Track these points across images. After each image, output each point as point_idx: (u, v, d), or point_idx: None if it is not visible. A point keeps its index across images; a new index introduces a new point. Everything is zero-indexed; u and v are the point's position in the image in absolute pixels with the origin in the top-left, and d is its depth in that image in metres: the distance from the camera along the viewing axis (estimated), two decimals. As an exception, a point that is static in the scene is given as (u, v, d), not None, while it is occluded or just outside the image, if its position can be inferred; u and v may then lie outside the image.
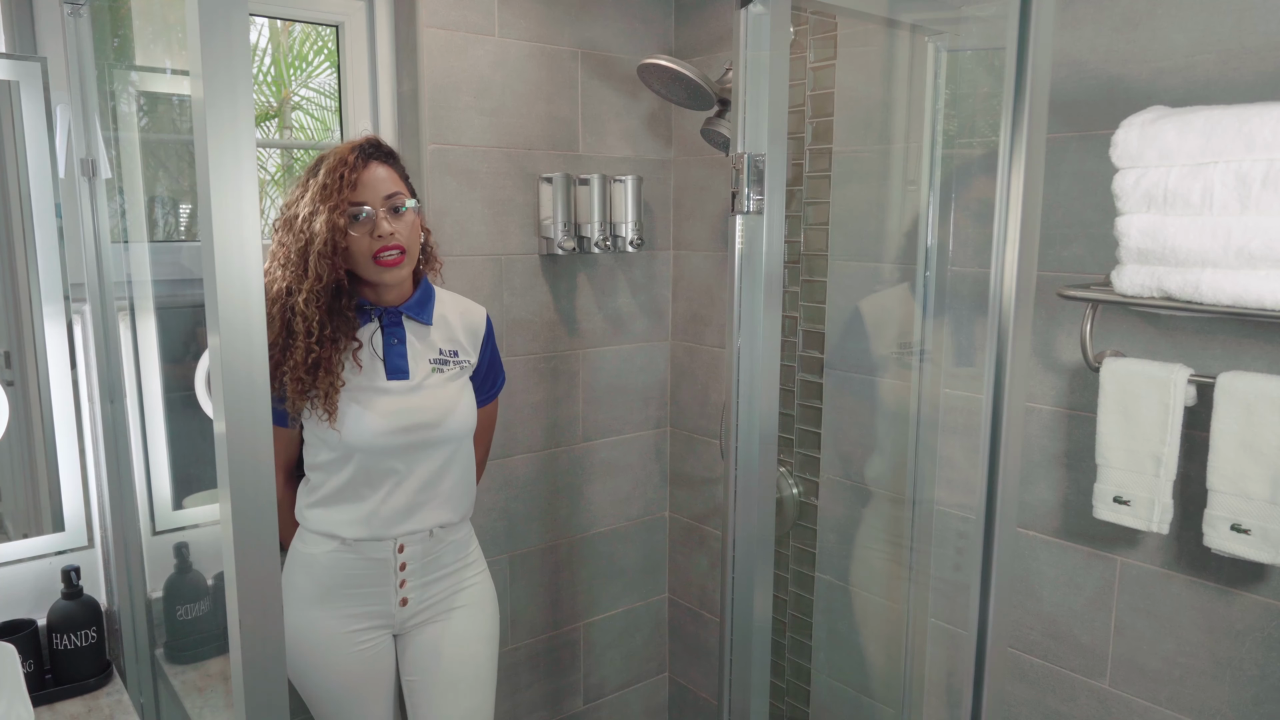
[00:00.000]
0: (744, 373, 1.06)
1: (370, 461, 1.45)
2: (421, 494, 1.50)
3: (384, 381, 1.47)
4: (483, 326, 1.61)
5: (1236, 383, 1.26)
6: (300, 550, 1.51)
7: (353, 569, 1.48)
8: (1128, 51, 1.41)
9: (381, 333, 1.49)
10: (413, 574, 1.52)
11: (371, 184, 1.42)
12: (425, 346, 1.52)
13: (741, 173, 1.01)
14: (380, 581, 1.50)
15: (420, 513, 1.50)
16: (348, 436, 1.43)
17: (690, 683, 2.45)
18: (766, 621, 1.12)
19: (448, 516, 1.54)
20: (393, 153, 1.50)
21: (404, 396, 1.47)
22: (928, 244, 1.69)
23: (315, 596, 1.48)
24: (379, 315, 1.49)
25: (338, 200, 1.39)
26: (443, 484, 1.53)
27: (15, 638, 1.43)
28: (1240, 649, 1.38)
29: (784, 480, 2.03)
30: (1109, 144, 1.31)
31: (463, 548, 1.60)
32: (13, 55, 1.47)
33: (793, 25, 1.86)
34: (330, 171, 1.40)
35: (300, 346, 1.40)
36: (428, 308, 1.53)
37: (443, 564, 1.56)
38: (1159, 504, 1.35)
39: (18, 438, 1.55)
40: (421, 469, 1.49)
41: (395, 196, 1.44)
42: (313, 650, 1.49)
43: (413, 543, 1.51)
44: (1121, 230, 1.31)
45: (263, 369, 0.69)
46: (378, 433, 1.44)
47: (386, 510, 1.47)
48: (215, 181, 0.66)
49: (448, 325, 1.56)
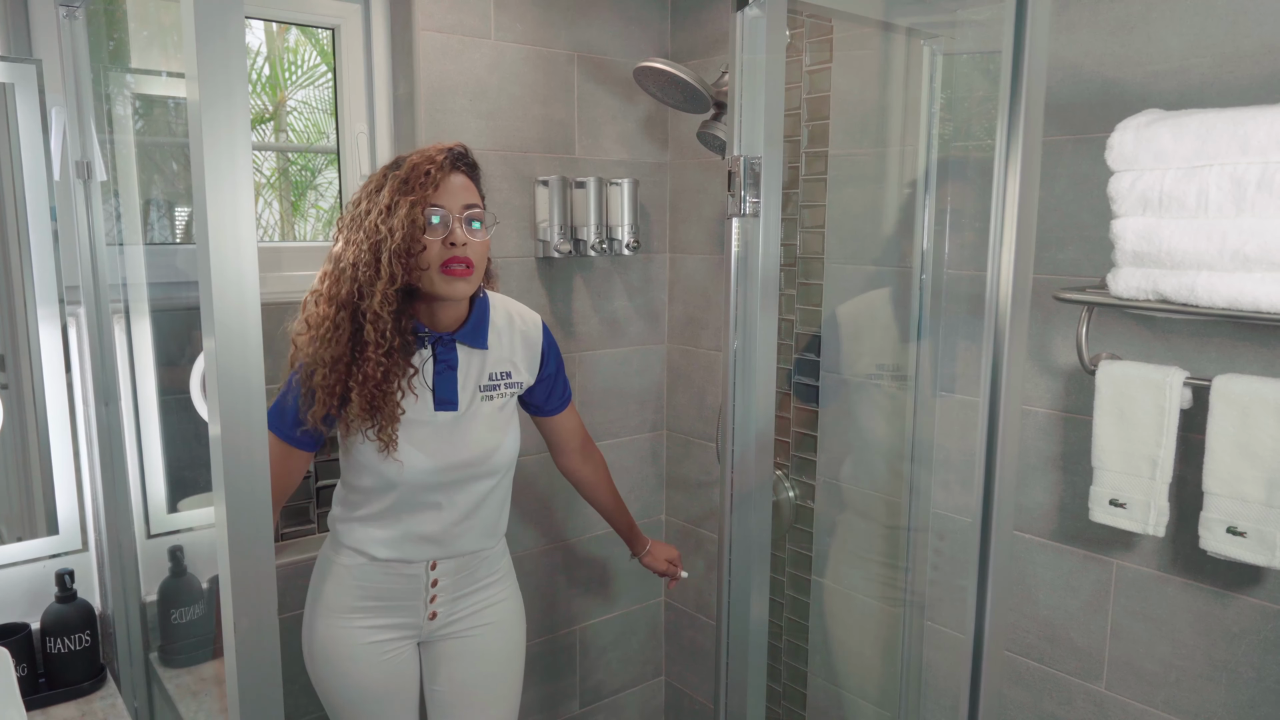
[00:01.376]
0: (740, 376, 1.06)
1: (413, 494, 1.41)
2: (459, 525, 1.46)
3: (430, 414, 1.40)
4: (539, 337, 1.54)
5: (1232, 385, 1.26)
6: (331, 559, 1.47)
7: (383, 583, 1.45)
8: (1123, 55, 1.42)
9: (434, 360, 1.41)
10: (444, 590, 1.49)
11: (454, 191, 1.35)
12: (477, 373, 1.45)
13: (738, 176, 1.01)
14: (411, 596, 1.47)
15: (456, 542, 1.46)
16: (392, 473, 1.38)
17: (687, 686, 2.45)
18: (763, 625, 1.12)
19: (482, 544, 1.50)
20: (477, 166, 1.43)
21: (451, 429, 1.41)
22: (923, 247, 1.69)
23: (345, 607, 1.45)
24: (433, 342, 1.41)
25: (420, 196, 1.30)
26: (481, 514, 1.48)
27: (9, 641, 1.43)
28: (1236, 652, 1.38)
29: (780, 483, 2.03)
30: (1104, 147, 1.31)
31: (496, 562, 1.56)
32: (8, 57, 1.47)
33: (788, 28, 1.85)
34: (415, 167, 1.32)
35: (371, 359, 1.30)
36: (482, 330, 1.45)
37: (475, 579, 1.53)
38: (1155, 507, 1.35)
39: (12, 440, 1.55)
40: (462, 500, 1.45)
41: (474, 209, 1.36)
42: (338, 659, 1.45)
43: (446, 562, 1.47)
44: (1117, 233, 1.31)
45: (258, 372, 0.69)
46: (423, 470, 1.39)
47: (421, 537, 1.43)
48: (211, 184, 0.66)
49: (501, 344, 1.49)
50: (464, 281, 1.34)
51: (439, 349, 1.41)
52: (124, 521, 1.60)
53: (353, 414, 1.32)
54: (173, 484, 1.69)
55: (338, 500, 1.48)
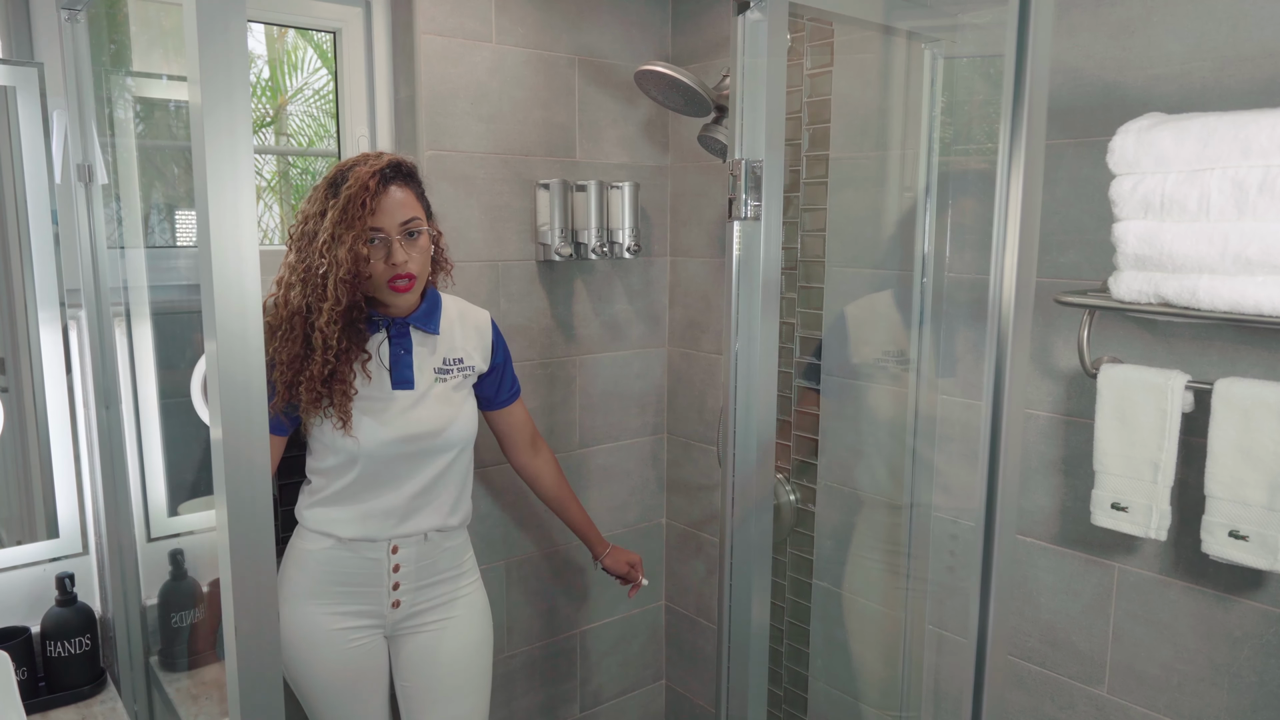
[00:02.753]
0: (741, 379, 1.06)
1: (374, 467, 1.50)
2: (418, 499, 1.54)
3: (389, 391, 1.51)
4: (489, 329, 1.65)
5: (1234, 389, 1.26)
6: (296, 546, 1.55)
7: (346, 566, 1.52)
8: (1124, 59, 1.42)
9: (389, 343, 1.53)
10: (406, 577, 1.55)
11: (389, 210, 1.44)
12: (430, 356, 1.56)
13: (739, 179, 1.01)
14: (373, 581, 1.54)
15: (416, 517, 1.54)
16: (354, 446, 1.48)
17: (687, 690, 2.44)
18: (764, 628, 1.12)
19: (443, 521, 1.57)
20: (412, 172, 1.51)
21: (408, 406, 1.52)
22: (924, 250, 1.69)
23: (308, 592, 1.52)
24: (387, 326, 1.52)
25: (360, 229, 1.41)
26: (440, 490, 1.56)
27: (9, 645, 1.42)
28: (1238, 655, 1.38)
29: (781, 487, 2.03)
30: (1105, 151, 1.31)
31: (458, 555, 1.63)
32: (10, 60, 1.47)
33: (790, 32, 1.86)
34: (352, 199, 1.42)
35: (317, 360, 1.44)
36: (434, 317, 1.57)
37: (437, 569, 1.59)
38: (1157, 510, 1.35)
39: (12, 444, 1.55)
40: (421, 475, 1.53)
41: (411, 223, 1.46)
42: (304, 646, 1.52)
43: (407, 545, 1.54)
44: (1118, 236, 1.31)
45: (260, 375, 0.69)
46: (384, 441, 1.49)
47: (382, 511, 1.51)
48: (213, 187, 0.66)
49: (453, 334, 1.60)
50: (409, 293, 1.48)
51: (393, 332, 1.52)
52: (124, 525, 1.60)
53: (304, 404, 1.45)
54: (173, 487, 1.69)
55: (303, 493, 1.56)
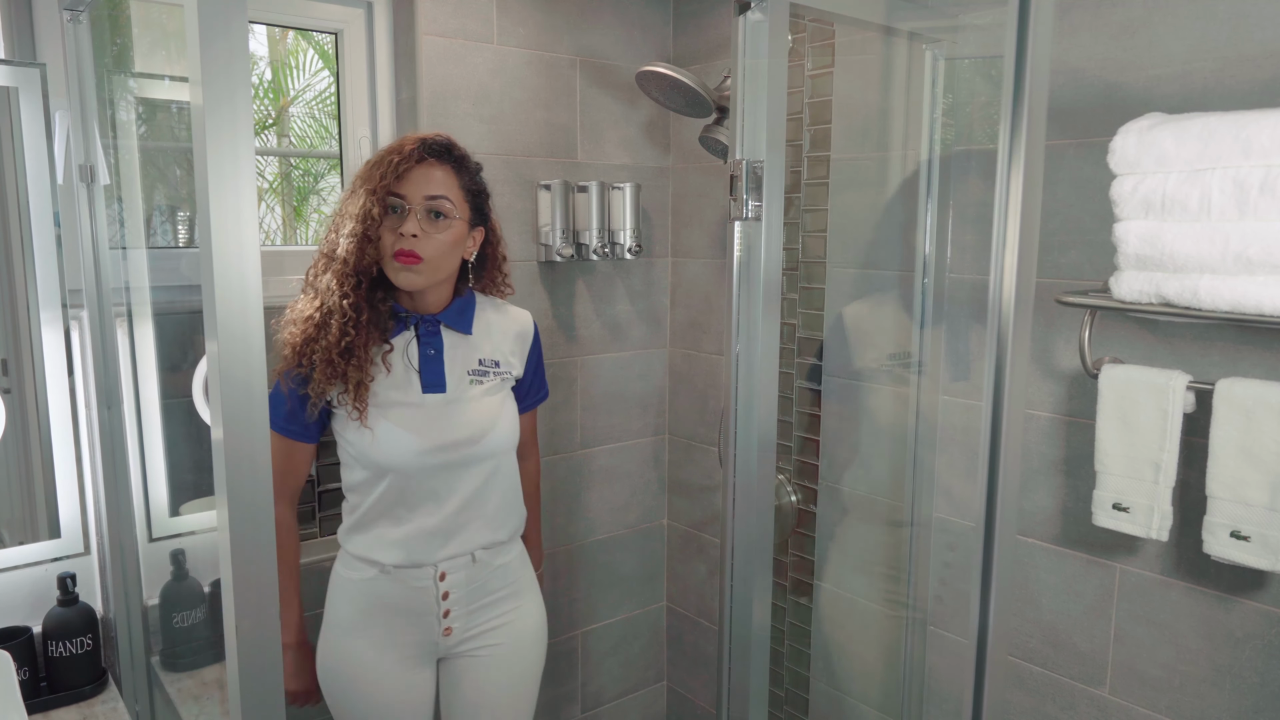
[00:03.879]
0: (742, 380, 1.06)
1: (407, 480, 1.38)
2: (462, 514, 1.42)
3: (418, 395, 1.39)
4: (530, 333, 1.54)
5: (1235, 389, 1.26)
6: (342, 575, 1.45)
7: (392, 597, 1.41)
8: (1125, 59, 1.42)
9: (418, 343, 1.41)
10: (457, 603, 1.44)
11: (418, 180, 1.34)
12: (464, 357, 1.44)
13: (740, 179, 1.01)
14: (422, 611, 1.43)
15: (462, 534, 1.42)
16: (380, 456, 1.36)
17: (689, 691, 2.44)
18: (765, 629, 1.12)
19: (492, 536, 1.46)
20: (464, 159, 1.41)
21: (440, 411, 1.40)
22: (925, 251, 1.69)
23: (355, 625, 1.42)
24: (415, 323, 1.41)
25: (377, 185, 1.32)
26: (484, 503, 1.44)
27: (10, 645, 1.42)
28: (1240, 656, 1.37)
29: (782, 488, 2.03)
30: (1106, 151, 1.31)
31: (511, 573, 1.51)
32: (12, 61, 1.47)
33: (791, 33, 1.86)
34: (384, 157, 1.33)
35: (335, 326, 1.33)
36: (467, 315, 1.45)
37: (489, 590, 1.48)
38: (1158, 511, 1.35)
39: (14, 444, 1.55)
40: (462, 487, 1.41)
41: (439, 201, 1.35)
42: (352, 681, 1.42)
43: (455, 569, 1.43)
44: (1119, 236, 1.31)
45: (260, 375, 0.69)
46: (413, 452, 1.37)
47: (425, 532, 1.40)
48: (214, 188, 0.66)
49: (490, 333, 1.48)
50: (410, 272, 1.35)
51: (423, 330, 1.41)
52: (126, 525, 1.60)
53: (317, 375, 1.33)
54: (175, 487, 1.69)
55: (344, 511, 1.47)
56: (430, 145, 1.36)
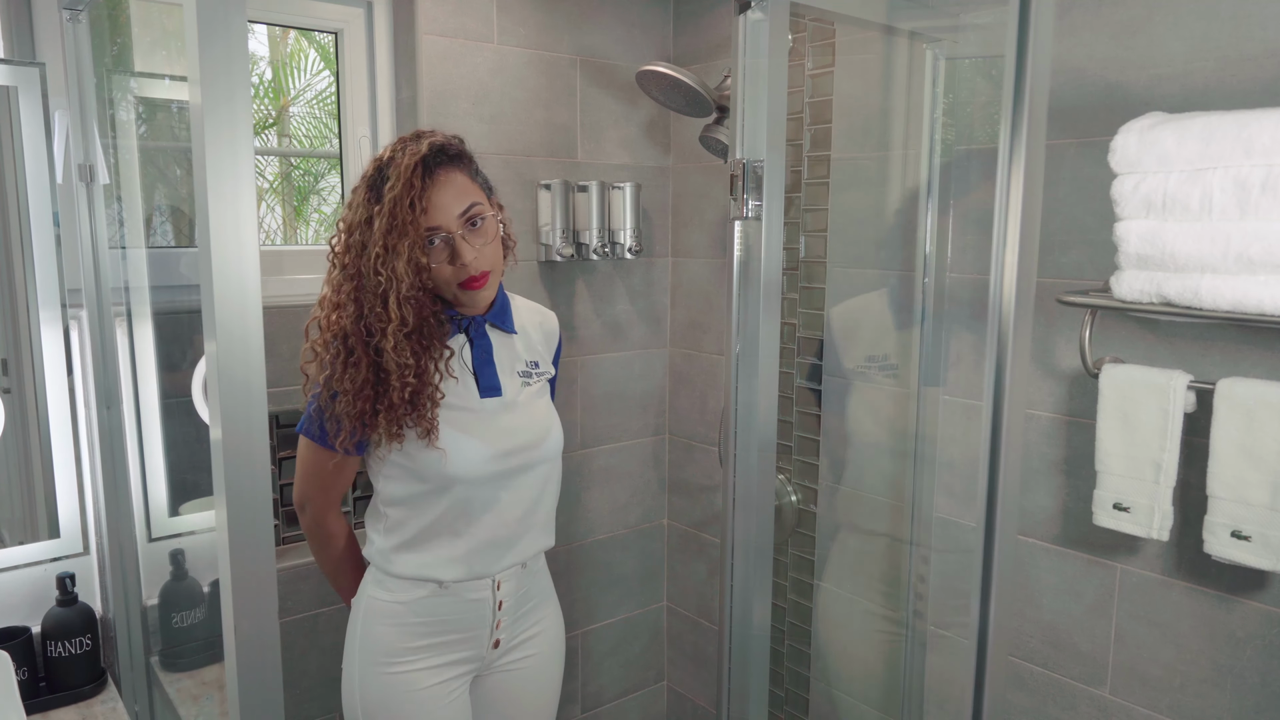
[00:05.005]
0: (743, 379, 1.05)
1: (470, 492, 1.30)
2: (522, 522, 1.36)
3: (477, 401, 1.32)
4: (556, 333, 1.50)
5: (1236, 389, 1.26)
6: (383, 599, 1.32)
7: (449, 614, 1.33)
8: (1126, 58, 1.41)
9: (470, 346, 1.34)
10: (508, 612, 1.39)
11: (443, 204, 1.24)
12: (511, 358, 1.39)
13: (740, 179, 1.01)
14: (478, 624, 1.36)
15: (521, 543, 1.37)
16: (451, 468, 1.27)
17: (689, 691, 2.44)
18: (765, 630, 1.11)
19: (545, 542, 1.42)
20: (460, 152, 1.30)
21: (500, 416, 1.34)
22: (926, 251, 1.69)
23: (405, 649, 1.32)
24: (466, 326, 1.34)
25: (415, 236, 1.21)
26: (541, 509, 1.40)
27: (9, 645, 1.42)
28: (1241, 656, 1.37)
29: (782, 487, 2.03)
30: (1107, 150, 1.31)
31: (543, 578, 1.48)
32: (11, 60, 1.47)
33: (791, 32, 1.86)
34: (398, 201, 1.21)
35: (395, 387, 1.23)
36: (508, 315, 1.40)
37: (530, 597, 1.44)
38: (1159, 511, 1.35)
39: (14, 444, 1.55)
40: (523, 494, 1.36)
41: (472, 210, 1.26)
42: (399, 709, 1.32)
43: (509, 578, 1.37)
44: (1120, 236, 1.31)
45: (259, 375, 0.69)
46: (484, 458, 1.30)
47: (489, 543, 1.33)
48: (213, 187, 0.66)
49: (527, 334, 1.44)
50: (485, 290, 1.29)
51: (473, 333, 1.34)
52: (125, 525, 1.60)
53: (381, 434, 1.25)
54: (174, 487, 1.69)
55: (378, 530, 1.34)
56: (431, 159, 1.25)
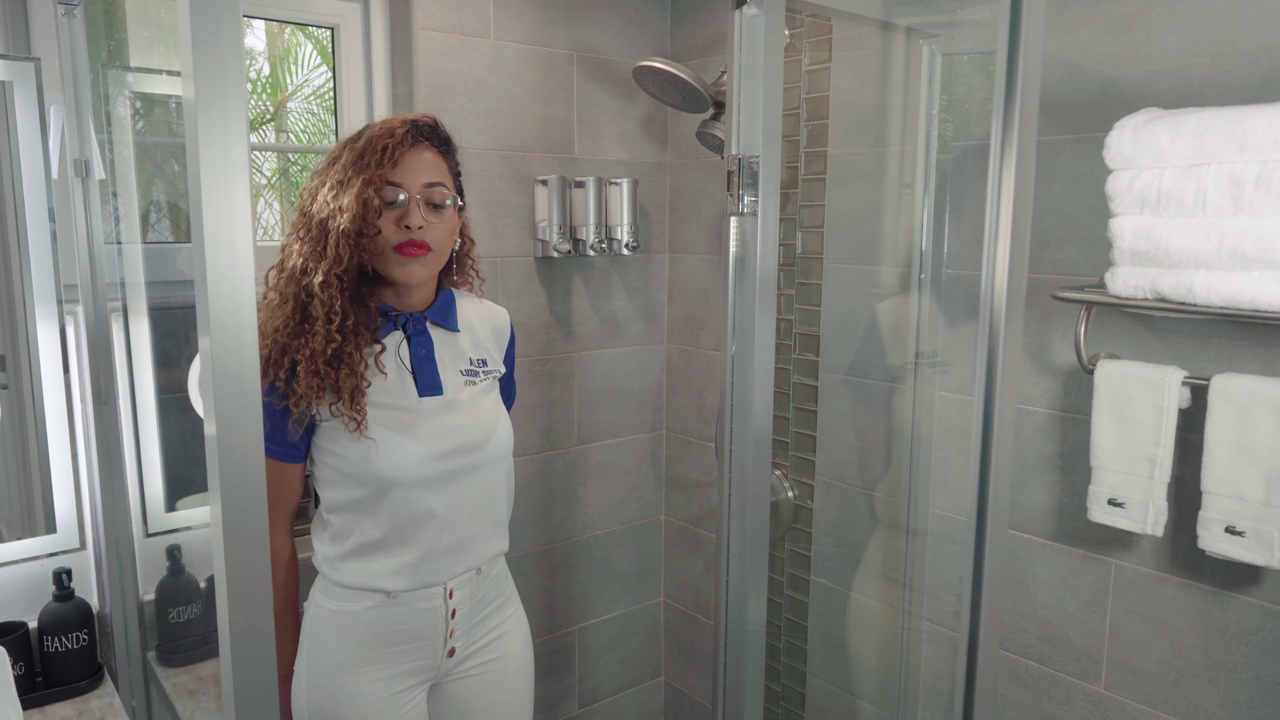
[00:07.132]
0: (739, 375, 1.05)
1: (411, 495, 1.26)
2: (471, 526, 1.32)
3: (415, 400, 1.28)
4: (508, 330, 1.46)
5: (1230, 384, 1.26)
6: (330, 609, 1.28)
7: (397, 623, 1.29)
8: (1121, 54, 1.41)
9: (408, 343, 1.30)
10: (461, 620, 1.34)
11: (414, 167, 1.24)
12: (454, 357, 1.35)
13: (736, 175, 1.01)
14: (430, 634, 1.31)
15: (473, 548, 1.33)
16: (385, 467, 1.24)
17: (685, 686, 2.45)
18: (761, 625, 1.12)
19: (499, 546, 1.38)
20: (449, 141, 1.32)
21: (441, 416, 1.30)
22: (923, 247, 1.69)
23: (354, 660, 1.28)
24: (403, 323, 1.30)
25: (374, 174, 1.20)
26: (491, 512, 1.36)
27: (6, 640, 1.43)
28: (1235, 651, 1.38)
29: (779, 483, 2.03)
30: (1102, 146, 1.31)
31: (501, 582, 1.43)
32: (6, 55, 1.47)
33: (787, 28, 1.86)
34: (373, 142, 1.22)
35: (320, 334, 1.20)
36: (451, 313, 1.36)
37: (486, 602, 1.39)
38: (1153, 506, 1.35)
39: (10, 439, 1.55)
40: (470, 497, 1.32)
41: (436, 188, 1.26)
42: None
43: (462, 585, 1.33)
44: (1115, 232, 1.31)
45: (253, 370, 0.69)
46: (418, 460, 1.25)
47: (438, 550, 1.28)
48: (207, 182, 0.66)
49: (473, 331, 1.39)
50: (418, 264, 1.26)
51: (411, 330, 1.31)
52: (122, 520, 1.60)
53: (299, 389, 1.20)
54: (170, 483, 1.69)
55: (324, 539, 1.30)
56: (420, 128, 1.28)
